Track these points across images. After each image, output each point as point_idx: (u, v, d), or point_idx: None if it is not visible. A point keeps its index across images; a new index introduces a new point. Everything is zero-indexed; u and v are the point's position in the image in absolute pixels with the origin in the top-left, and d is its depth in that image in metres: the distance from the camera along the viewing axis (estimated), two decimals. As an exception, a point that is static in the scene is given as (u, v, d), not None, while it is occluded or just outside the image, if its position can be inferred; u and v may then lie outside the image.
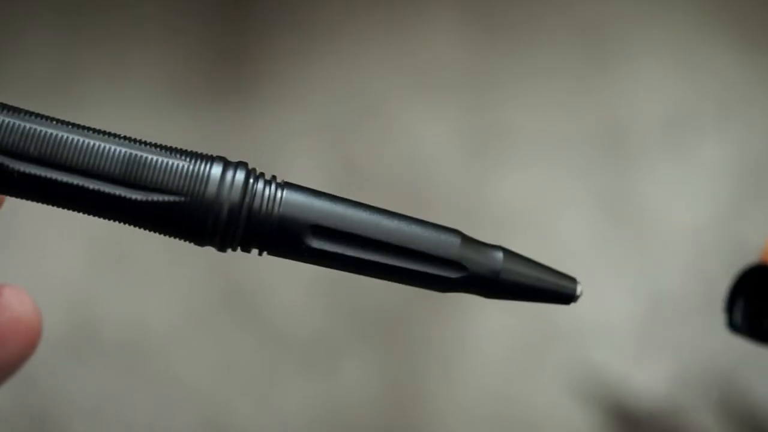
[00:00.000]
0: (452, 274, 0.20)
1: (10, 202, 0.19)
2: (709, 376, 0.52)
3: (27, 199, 0.18)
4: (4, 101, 0.19)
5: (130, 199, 0.18)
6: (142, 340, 0.52)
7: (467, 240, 0.20)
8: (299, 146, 0.56)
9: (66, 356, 0.51)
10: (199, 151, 0.18)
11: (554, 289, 0.20)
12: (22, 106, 0.19)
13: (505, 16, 0.59)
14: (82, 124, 0.19)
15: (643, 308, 0.53)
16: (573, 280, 0.20)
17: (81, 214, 0.18)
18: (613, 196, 0.55)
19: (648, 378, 0.52)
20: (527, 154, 0.56)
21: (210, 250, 0.19)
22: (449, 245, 0.19)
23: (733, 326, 0.26)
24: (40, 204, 0.18)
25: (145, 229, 0.18)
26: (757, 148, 0.56)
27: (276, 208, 0.18)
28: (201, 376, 0.52)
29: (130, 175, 0.18)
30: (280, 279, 0.53)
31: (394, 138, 0.57)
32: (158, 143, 0.18)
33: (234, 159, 0.19)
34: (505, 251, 0.20)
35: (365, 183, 0.55)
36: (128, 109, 0.56)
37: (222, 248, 0.19)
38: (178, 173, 0.18)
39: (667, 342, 0.52)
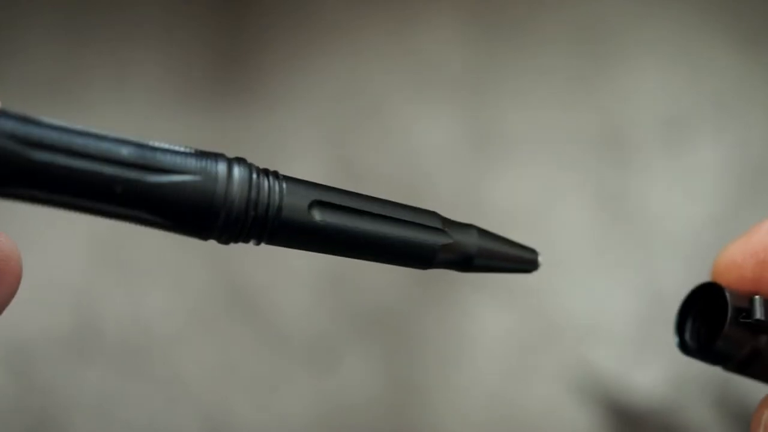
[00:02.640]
0: (435, 255, 0.22)
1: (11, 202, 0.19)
2: (709, 376, 0.52)
3: (32, 190, 0.18)
4: (5, 101, 0.19)
5: (143, 183, 0.18)
6: (143, 339, 0.52)
7: (446, 221, 0.22)
8: (298, 145, 0.56)
9: (66, 356, 0.52)
10: (201, 149, 0.19)
11: (520, 261, 0.23)
12: (22, 107, 0.19)
13: (505, 15, 0.59)
14: (83, 123, 0.19)
15: (643, 308, 0.53)
16: (534, 251, 0.24)
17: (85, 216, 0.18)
18: (613, 196, 0.55)
19: (647, 378, 0.52)
20: (527, 153, 0.56)
21: (213, 250, 0.19)
22: (432, 229, 0.22)
23: (684, 347, 0.25)
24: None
25: (151, 227, 0.19)
26: (757, 148, 0.56)
27: (277, 199, 0.20)
28: (202, 376, 0.52)
29: (142, 166, 0.18)
30: (281, 279, 0.53)
31: (393, 137, 0.57)
32: (162, 145, 0.19)
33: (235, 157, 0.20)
34: (479, 230, 0.22)
35: (364, 182, 0.55)
36: (128, 109, 0.56)
37: (226, 242, 0.19)
38: (187, 175, 0.18)
39: (666, 342, 0.52)
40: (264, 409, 0.52)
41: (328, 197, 0.21)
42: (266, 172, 0.20)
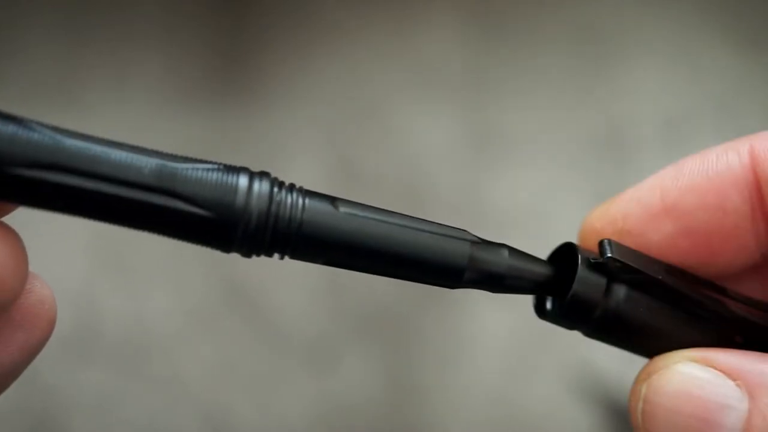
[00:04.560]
0: (462, 273, 0.21)
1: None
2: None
3: (60, 211, 0.18)
4: (5, 101, 0.19)
5: (161, 206, 0.18)
6: (143, 339, 0.52)
7: (475, 240, 0.21)
8: (298, 145, 0.56)
9: (67, 355, 0.52)
10: (225, 163, 0.19)
11: (555, 283, 0.22)
12: (22, 106, 0.19)
13: (505, 15, 0.59)
14: (83, 123, 0.19)
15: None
16: None
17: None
18: (613, 196, 0.55)
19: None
20: (526, 153, 0.56)
21: (212, 251, 0.20)
22: (459, 246, 0.21)
23: (540, 310, 0.24)
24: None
25: (172, 238, 0.19)
26: (757, 148, 0.56)
27: (299, 214, 0.20)
28: (202, 376, 0.52)
29: (162, 185, 0.18)
30: (281, 279, 0.53)
31: (393, 137, 0.57)
32: (185, 155, 0.19)
33: (234, 157, 0.20)
34: (510, 248, 0.21)
35: (364, 182, 0.55)
36: (128, 109, 0.56)
37: (248, 255, 0.19)
38: (208, 184, 0.19)
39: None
40: (264, 409, 0.52)
41: (349, 219, 0.20)
42: (291, 187, 0.20)
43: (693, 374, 0.20)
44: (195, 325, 0.53)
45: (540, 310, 0.24)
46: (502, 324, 0.53)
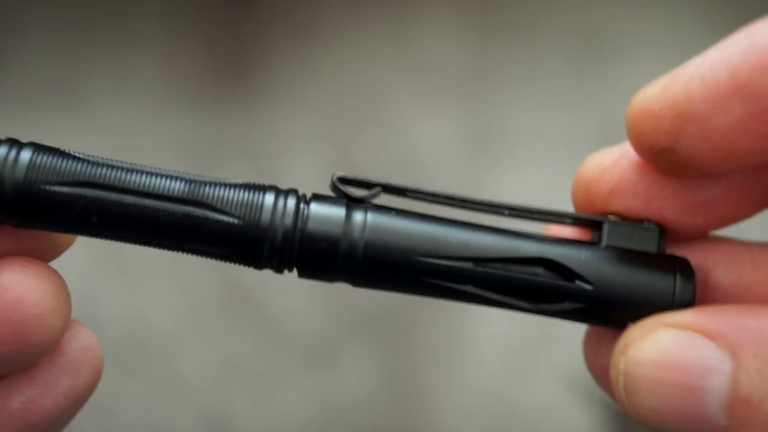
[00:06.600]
0: None
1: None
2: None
3: (97, 230, 0.19)
4: (5, 101, 0.19)
5: (191, 215, 0.19)
6: (144, 339, 0.52)
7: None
8: (299, 147, 0.56)
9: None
10: (252, 182, 0.19)
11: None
12: (23, 106, 0.19)
13: (505, 16, 0.59)
14: (83, 123, 0.20)
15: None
16: None
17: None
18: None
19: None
20: (526, 154, 0.56)
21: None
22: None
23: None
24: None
25: (202, 255, 0.19)
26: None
27: None
28: (202, 375, 0.52)
29: (192, 197, 0.19)
30: (281, 279, 0.53)
31: (394, 139, 0.57)
32: (213, 177, 0.20)
33: (234, 157, 0.20)
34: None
35: (365, 183, 0.55)
36: (130, 110, 0.56)
37: (279, 270, 0.20)
38: (235, 203, 0.19)
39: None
40: (264, 408, 0.52)
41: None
42: None
43: (671, 341, 0.19)
44: (195, 325, 0.53)
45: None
46: (503, 324, 0.53)
